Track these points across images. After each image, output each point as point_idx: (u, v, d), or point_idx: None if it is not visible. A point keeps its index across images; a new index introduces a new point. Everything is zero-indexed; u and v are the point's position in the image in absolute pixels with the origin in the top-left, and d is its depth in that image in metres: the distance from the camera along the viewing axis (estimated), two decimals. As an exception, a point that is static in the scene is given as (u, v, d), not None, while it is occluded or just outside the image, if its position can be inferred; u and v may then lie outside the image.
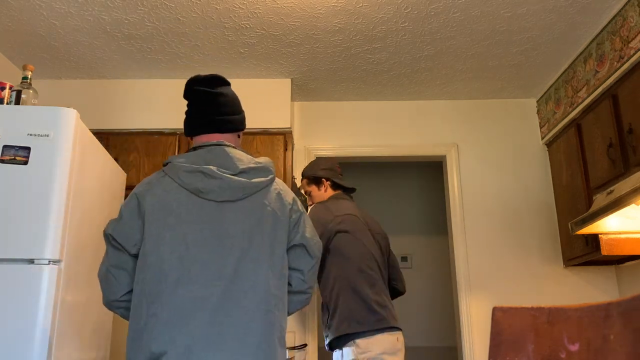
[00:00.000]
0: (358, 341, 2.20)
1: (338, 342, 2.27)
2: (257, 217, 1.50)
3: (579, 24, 2.85)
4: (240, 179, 1.51)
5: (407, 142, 3.68)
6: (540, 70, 3.35)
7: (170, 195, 1.49)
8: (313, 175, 2.65)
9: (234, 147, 1.61)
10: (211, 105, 1.63)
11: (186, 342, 1.36)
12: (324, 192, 2.61)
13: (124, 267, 1.49)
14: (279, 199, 1.56)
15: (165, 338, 1.36)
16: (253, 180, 1.53)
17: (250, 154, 1.64)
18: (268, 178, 1.57)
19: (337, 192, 2.62)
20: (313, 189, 2.64)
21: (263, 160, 1.62)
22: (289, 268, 1.58)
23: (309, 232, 1.61)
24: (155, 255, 1.44)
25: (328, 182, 2.62)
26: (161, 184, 1.52)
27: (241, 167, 1.54)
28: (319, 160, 2.78)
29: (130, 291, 1.49)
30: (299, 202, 1.64)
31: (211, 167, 1.51)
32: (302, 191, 2.73)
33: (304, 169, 2.73)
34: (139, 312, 1.41)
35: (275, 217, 1.53)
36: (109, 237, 1.51)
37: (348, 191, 2.65)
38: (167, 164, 1.57)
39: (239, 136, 1.70)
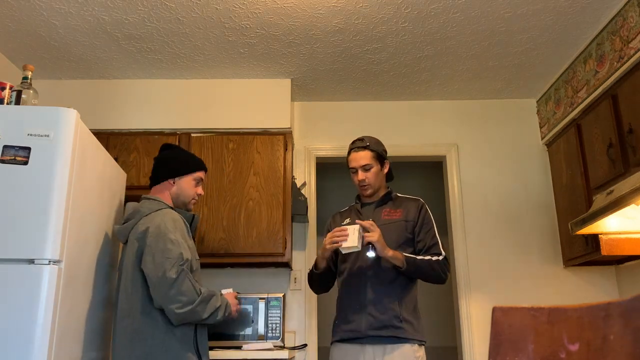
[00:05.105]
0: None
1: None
2: (128, 251, 2.05)
3: (579, 24, 2.85)
4: (119, 225, 2.15)
5: (407, 142, 3.68)
6: (540, 70, 3.35)
7: None
8: (381, 152, 2.33)
9: (138, 202, 2.17)
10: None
11: None
12: (383, 175, 2.36)
13: None
14: (134, 232, 2.05)
15: None
16: (125, 224, 2.11)
17: (156, 199, 2.15)
18: (134, 219, 2.08)
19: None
20: (377, 166, 2.31)
21: (138, 205, 2.13)
22: None
23: (147, 255, 1.97)
24: None
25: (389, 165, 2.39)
26: None
27: (126, 215, 2.14)
28: (376, 138, 2.39)
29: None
30: (150, 233, 1.98)
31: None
32: (354, 166, 2.32)
33: (367, 141, 2.32)
34: None
35: (132, 248, 2.03)
36: None
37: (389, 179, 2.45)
38: None
39: (173, 183, 2.20)
